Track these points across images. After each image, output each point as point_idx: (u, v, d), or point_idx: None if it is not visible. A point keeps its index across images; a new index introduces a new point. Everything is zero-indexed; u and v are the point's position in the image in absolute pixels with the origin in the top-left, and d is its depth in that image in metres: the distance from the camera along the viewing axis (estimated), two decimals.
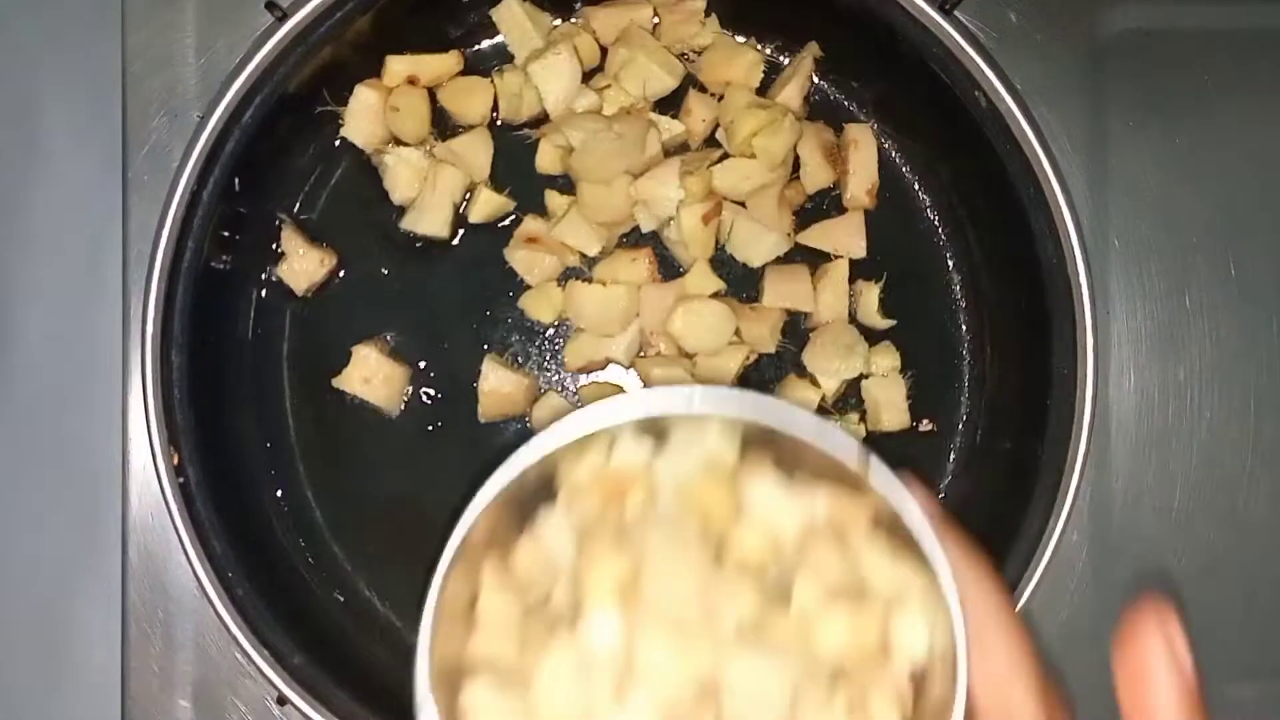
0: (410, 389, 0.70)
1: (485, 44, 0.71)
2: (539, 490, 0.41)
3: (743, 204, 0.69)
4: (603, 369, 0.70)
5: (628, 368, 0.70)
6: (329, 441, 0.70)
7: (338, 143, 0.70)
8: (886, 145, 0.72)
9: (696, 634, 0.37)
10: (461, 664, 0.39)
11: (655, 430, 0.41)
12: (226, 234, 0.66)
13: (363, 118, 0.69)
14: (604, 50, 0.70)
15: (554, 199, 0.70)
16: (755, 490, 0.39)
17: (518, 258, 0.69)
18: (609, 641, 0.37)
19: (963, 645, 0.38)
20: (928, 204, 0.72)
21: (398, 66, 0.68)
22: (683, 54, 0.70)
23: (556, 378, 0.71)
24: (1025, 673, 0.39)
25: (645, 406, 0.40)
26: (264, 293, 0.70)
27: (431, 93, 0.70)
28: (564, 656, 0.37)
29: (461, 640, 0.39)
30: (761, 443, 0.41)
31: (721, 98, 0.70)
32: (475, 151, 0.69)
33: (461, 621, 0.40)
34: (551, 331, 0.70)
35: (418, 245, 0.70)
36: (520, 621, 0.39)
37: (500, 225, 0.70)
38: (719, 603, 0.38)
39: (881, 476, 0.39)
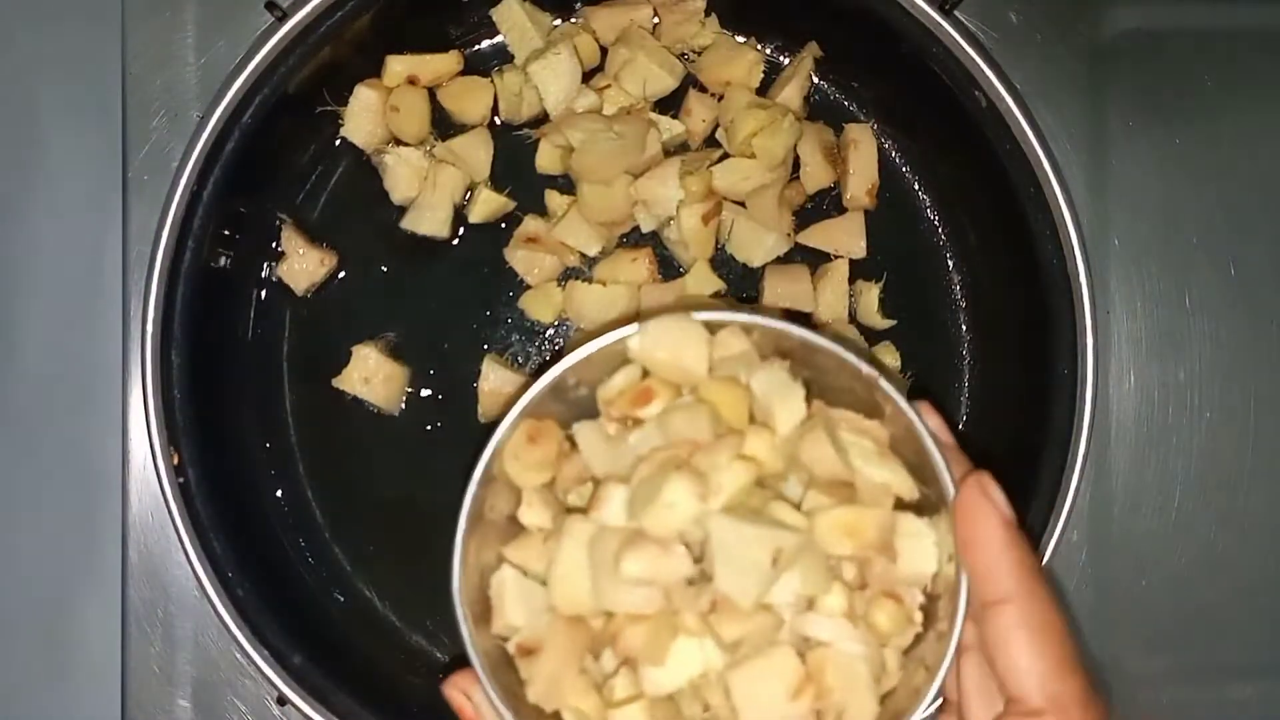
0: (410, 389, 0.70)
1: (485, 44, 0.71)
2: (577, 417, 0.45)
3: (743, 204, 0.69)
4: None
5: None
6: (329, 442, 0.70)
7: (338, 143, 0.70)
8: (886, 145, 0.72)
9: (692, 503, 0.40)
10: (495, 564, 0.45)
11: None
12: (226, 234, 0.66)
13: (363, 118, 0.69)
14: (604, 50, 0.70)
15: (554, 199, 0.70)
16: (761, 378, 0.43)
17: (518, 258, 0.69)
18: (618, 513, 0.41)
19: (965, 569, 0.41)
20: (928, 204, 0.72)
21: (398, 66, 0.68)
22: (683, 54, 0.70)
23: None
24: None
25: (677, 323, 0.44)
26: (264, 293, 0.70)
27: (431, 93, 0.70)
28: (580, 533, 0.42)
29: (495, 545, 0.45)
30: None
31: (721, 98, 0.70)
32: (475, 151, 0.69)
33: (495, 529, 0.45)
34: (551, 331, 0.70)
35: (418, 245, 0.70)
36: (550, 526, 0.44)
37: (500, 225, 0.70)
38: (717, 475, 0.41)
39: (896, 398, 0.42)
